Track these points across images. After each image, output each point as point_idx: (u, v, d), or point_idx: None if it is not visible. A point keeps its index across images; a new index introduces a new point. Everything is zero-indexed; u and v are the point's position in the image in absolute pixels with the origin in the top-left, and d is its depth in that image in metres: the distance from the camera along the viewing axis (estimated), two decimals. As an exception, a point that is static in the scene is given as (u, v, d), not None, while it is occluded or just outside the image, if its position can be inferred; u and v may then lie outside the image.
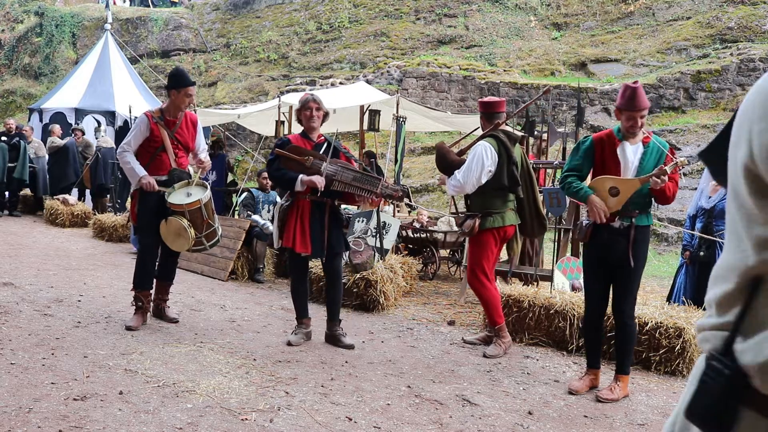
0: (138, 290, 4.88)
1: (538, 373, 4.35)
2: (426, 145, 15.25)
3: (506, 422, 3.44)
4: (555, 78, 15.84)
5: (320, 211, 4.58)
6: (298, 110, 4.68)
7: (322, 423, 3.23)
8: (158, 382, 3.62)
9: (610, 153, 3.86)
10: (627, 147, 3.85)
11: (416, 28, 18.84)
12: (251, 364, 4.12)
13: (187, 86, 4.79)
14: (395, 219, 7.65)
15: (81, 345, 4.22)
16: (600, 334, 4.09)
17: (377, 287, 5.95)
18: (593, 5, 17.89)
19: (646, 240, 3.93)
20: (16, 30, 22.71)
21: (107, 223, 9.74)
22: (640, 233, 3.85)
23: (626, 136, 3.85)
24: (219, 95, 19.07)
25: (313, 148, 4.61)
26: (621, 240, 3.84)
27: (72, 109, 13.56)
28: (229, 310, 5.66)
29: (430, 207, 11.98)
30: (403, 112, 8.60)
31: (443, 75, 16.10)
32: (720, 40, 15.13)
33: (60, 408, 3.15)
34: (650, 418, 3.62)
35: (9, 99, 20.83)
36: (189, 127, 4.97)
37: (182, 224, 4.63)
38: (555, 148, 7.65)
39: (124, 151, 4.80)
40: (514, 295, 5.11)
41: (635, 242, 3.82)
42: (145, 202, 4.80)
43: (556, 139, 6.97)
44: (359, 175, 4.50)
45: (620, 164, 3.83)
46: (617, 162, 3.84)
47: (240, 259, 7.32)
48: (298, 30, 20.13)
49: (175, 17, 21.97)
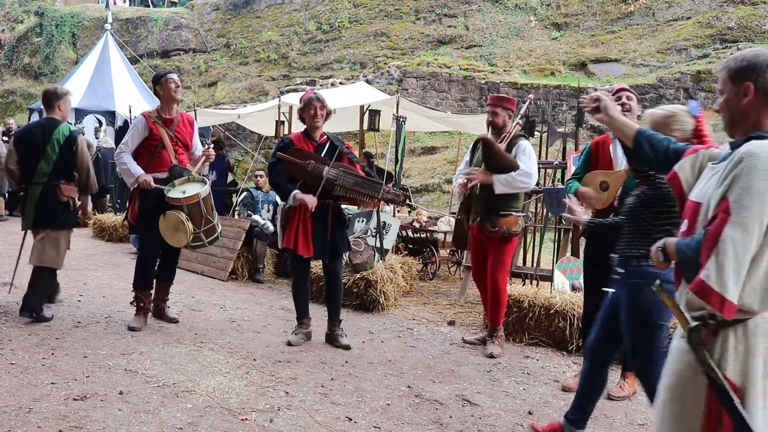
0: (139, 290, 4.88)
1: (538, 373, 4.35)
2: (426, 145, 15.25)
3: (506, 422, 3.44)
4: (555, 78, 15.83)
5: (323, 213, 4.58)
6: (301, 109, 4.66)
7: (322, 423, 3.23)
8: (158, 382, 3.63)
9: (604, 152, 3.97)
10: (619, 145, 3.90)
11: (416, 28, 18.83)
12: (251, 364, 4.12)
13: (166, 75, 4.89)
14: (395, 219, 7.65)
15: (81, 345, 4.22)
16: None
17: (377, 287, 5.95)
18: (593, 5, 17.89)
19: None
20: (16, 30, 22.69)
21: (107, 223, 9.75)
22: None
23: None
24: (219, 95, 19.06)
25: (315, 149, 4.61)
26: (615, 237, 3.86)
27: (72, 109, 13.52)
28: (229, 310, 5.66)
29: (430, 207, 11.98)
30: (403, 112, 8.60)
31: (443, 75, 16.09)
32: (720, 40, 15.12)
33: (60, 408, 3.15)
34: (650, 418, 3.62)
35: (9, 99, 20.81)
36: (186, 125, 5.00)
37: (180, 218, 4.63)
38: (555, 148, 7.65)
39: (122, 152, 4.81)
40: (514, 295, 5.11)
41: None
42: (145, 201, 4.80)
43: (556, 139, 6.96)
44: (360, 180, 4.50)
45: (612, 161, 3.91)
46: (610, 160, 3.92)
47: (240, 259, 7.32)
48: (298, 30, 20.13)
49: (175, 17, 21.96)
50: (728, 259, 1.70)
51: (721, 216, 1.74)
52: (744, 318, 1.79)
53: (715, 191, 1.81)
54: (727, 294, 1.70)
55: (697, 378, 1.83)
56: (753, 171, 1.71)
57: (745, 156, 1.75)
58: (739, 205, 1.71)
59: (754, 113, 1.87)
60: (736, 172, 1.75)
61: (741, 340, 1.79)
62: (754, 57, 1.86)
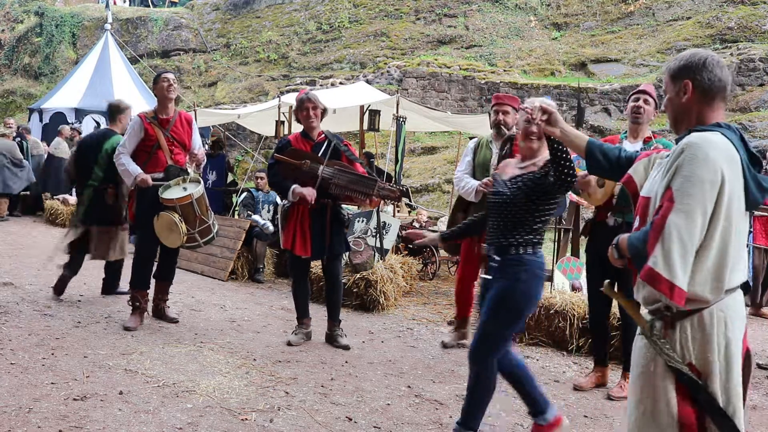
0: (136, 290, 4.88)
1: (538, 373, 4.35)
2: (426, 145, 15.25)
3: (506, 422, 3.44)
4: (555, 78, 15.84)
5: (321, 213, 4.58)
6: (295, 111, 4.70)
7: (322, 423, 3.23)
8: (158, 382, 3.63)
9: None
10: (626, 145, 3.95)
11: (416, 28, 18.83)
12: (251, 364, 4.12)
13: (161, 75, 4.92)
14: (395, 219, 7.65)
15: (81, 345, 4.22)
16: (604, 331, 4.11)
17: (377, 287, 5.95)
18: (593, 5, 17.89)
19: None
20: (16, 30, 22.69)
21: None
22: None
23: (629, 132, 4.00)
24: (219, 95, 19.06)
25: (313, 148, 4.61)
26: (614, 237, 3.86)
27: (72, 109, 13.56)
28: (229, 310, 5.66)
29: (430, 207, 11.98)
30: (403, 112, 8.60)
31: (443, 75, 16.09)
32: (720, 40, 15.12)
33: (60, 408, 3.15)
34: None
35: (9, 99, 20.81)
36: (184, 125, 4.99)
37: (173, 219, 4.64)
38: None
39: (120, 153, 4.82)
40: (514, 295, 5.10)
41: None
42: (142, 201, 4.81)
43: (556, 139, 6.96)
44: (355, 178, 4.50)
45: None
46: None
47: (240, 259, 7.32)
48: (298, 30, 20.13)
49: (175, 17, 21.96)
50: (674, 245, 1.73)
51: (665, 204, 1.79)
52: (698, 308, 1.83)
53: (660, 183, 1.87)
54: (675, 280, 1.73)
55: (660, 370, 1.86)
56: (694, 160, 1.78)
57: (686, 146, 1.82)
58: (681, 192, 1.76)
59: (695, 109, 1.95)
60: (678, 162, 1.81)
61: (697, 330, 1.83)
62: (691, 56, 1.96)
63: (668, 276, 1.73)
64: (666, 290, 1.74)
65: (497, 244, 3.00)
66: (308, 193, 4.43)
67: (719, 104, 1.95)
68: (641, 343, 1.95)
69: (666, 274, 1.73)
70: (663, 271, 1.74)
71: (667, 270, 1.73)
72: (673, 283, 1.73)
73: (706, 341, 1.82)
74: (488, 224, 3.10)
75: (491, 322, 2.94)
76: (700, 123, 1.93)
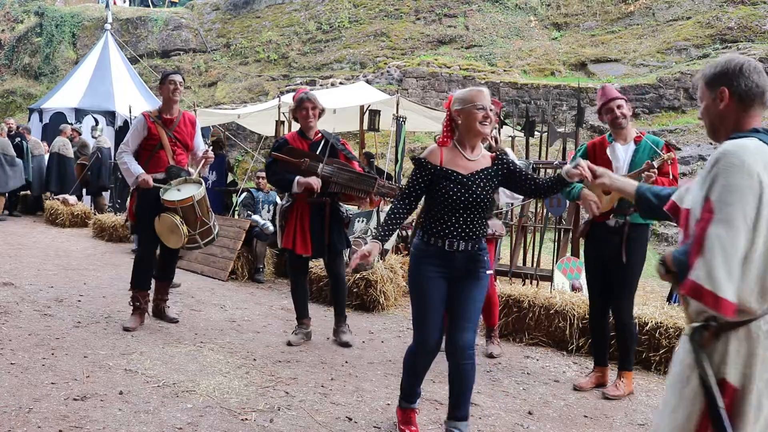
0: (136, 290, 4.88)
1: (538, 373, 4.35)
2: (426, 145, 15.19)
3: (506, 422, 3.44)
4: (555, 78, 15.84)
5: (320, 211, 4.58)
6: (294, 110, 4.70)
7: (322, 423, 3.23)
8: (158, 382, 3.63)
9: (601, 155, 3.97)
10: (617, 147, 3.97)
11: (416, 28, 18.83)
12: (251, 364, 4.12)
13: (168, 76, 4.92)
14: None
15: (81, 345, 4.22)
16: (604, 331, 4.11)
17: (377, 287, 5.95)
18: (593, 5, 17.89)
19: (644, 239, 3.96)
20: (16, 30, 22.70)
21: (107, 223, 9.75)
22: (635, 231, 3.87)
23: (615, 136, 3.98)
24: (219, 95, 19.06)
25: (310, 147, 4.62)
26: (615, 238, 3.88)
27: (72, 109, 13.56)
28: (229, 310, 5.66)
29: (430, 207, 11.96)
30: (403, 112, 8.60)
31: (443, 75, 16.09)
32: (720, 40, 15.12)
33: (60, 408, 3.15)
34: (650, 418, 3.62)
35: (9, 99, 20.83)
36: (187, 125, 5.00)
37: (174, 221, 4.64)
38: (555, 149, 7.65)
39: (122, 152, 4.82)
40: (514, 295, 5.11)
41: (629, 240, 3.85)
42: (143, 201, 4.81)
43: (556, 139, 6.97)
44: (355, 176, 4.51)
45: (611, 164, 3.89)
46: (608, 162, 3.91)
47: (240, 259, 7.31)
48: (298, 30, 20.13)
49: (175, 17, 21.96)
50: (716, 257, 1.70)
51: (705, 216, 1.76)
52: (746, 320, 1.78)
53: (698, 194, 1.84)
54: (720, 291, 1.69)
55: (693, 379, 1.83)
56: (730, 168, 1.74)
57: (721, 155, 1.78)
58: (721, 202, 1.73)
59: (732, 117, 1.91)
60: (714, 172, 1.78)
61: (743, 343, 1.79)
62: (727, 62, 1.92)
63: (711, 287, 1.69)
64: (710, 302, 1.70)
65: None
66: (314, 181, 4.43)
67: (757, 110, 1.91)
68: (684, 345, 1.91)
69: (709, 286, 1.69)
70: (705, 283, 1.70)
71: (710, 282, 1.69)
72: (717, 295, 1.69)
73: (751, 354, 1.77)
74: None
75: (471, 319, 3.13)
76: (738, 130, 1.90)
